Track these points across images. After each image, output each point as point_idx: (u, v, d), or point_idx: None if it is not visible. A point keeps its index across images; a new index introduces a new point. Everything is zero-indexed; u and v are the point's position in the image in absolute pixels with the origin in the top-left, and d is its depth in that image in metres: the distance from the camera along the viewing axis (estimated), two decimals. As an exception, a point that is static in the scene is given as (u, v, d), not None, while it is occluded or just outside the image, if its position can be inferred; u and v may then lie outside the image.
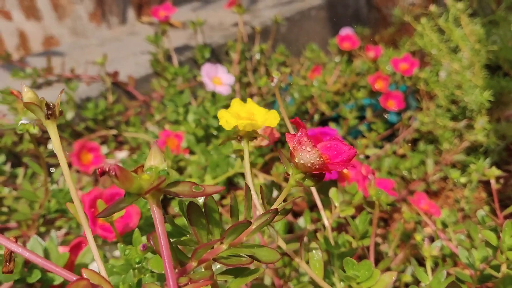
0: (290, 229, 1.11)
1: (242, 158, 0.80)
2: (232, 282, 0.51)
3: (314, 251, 0.64)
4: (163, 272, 0.46)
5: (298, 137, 0.49)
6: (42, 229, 1.06)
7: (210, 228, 0.51)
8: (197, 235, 0.50)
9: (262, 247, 0.50)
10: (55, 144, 0.47)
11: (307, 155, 0.48)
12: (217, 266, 0.56)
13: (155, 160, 0.42)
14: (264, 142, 0.74)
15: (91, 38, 2.07)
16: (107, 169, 0.37)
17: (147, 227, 0.96)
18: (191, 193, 0.42)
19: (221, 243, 0.47)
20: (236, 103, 0.61)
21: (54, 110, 0.47)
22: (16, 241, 0.45)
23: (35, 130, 0.81)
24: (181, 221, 0.95)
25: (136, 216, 0.86)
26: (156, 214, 0.41)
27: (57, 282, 0.75)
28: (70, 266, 0.81)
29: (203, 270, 0.50)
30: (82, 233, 1.06)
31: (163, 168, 0.41)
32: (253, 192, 0.56)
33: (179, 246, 0.51)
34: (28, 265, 0.73)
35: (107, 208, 0.40)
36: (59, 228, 1.09)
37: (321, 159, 0.48)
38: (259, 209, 0.56)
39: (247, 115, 0.60)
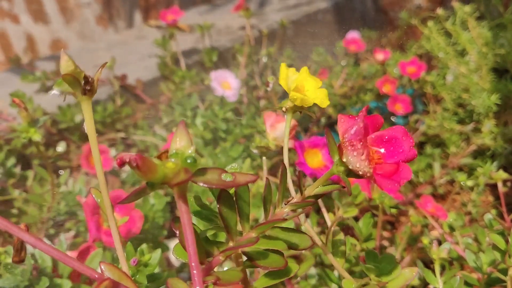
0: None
1: (263, 154, 0.80)
2: (259, 280, 0.48)
3: (338, 242, 0.62)
4: (182, 264, 0.44)
5: (351, 136, 0.42)
6: (52, 231, 1.07)
7: (240, 220, 0.47)
8: (227, 227, 0.46)
9: (293, 231, 0.47)
10: (88, 124, 0.43)
11: (358, 163, 0.42)
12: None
13: (181, 142, 0.37)
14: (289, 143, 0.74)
15: (98, 41, 2.09)
16: (127, 160, 0.33)
17: (154, 230, 0.97)
18: (220, 183, 0.37)
19: (256, 241, 0.44)
20: (288, 70, 0.56)
21: (93, 85, 0.42)
22: (28, 230, 0.42)
23: (38, 138, 0.82)
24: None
25: (139, 221, 0.86)
26: (182, 205, 0.38)
27: (65, 288, 0.75)
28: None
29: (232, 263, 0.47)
30: (88, 237, 1.06)
31: (190, 153, 0.37)
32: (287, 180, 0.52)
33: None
34: (37, 270, 0.73)
35: (128, 196, 0.37)
36: (68, 230, 1.10)
37: (371, 173, 0.41)
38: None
39: (297, 87, 0.55)
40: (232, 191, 0.48)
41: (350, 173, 0.45)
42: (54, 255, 0.41)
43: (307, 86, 0.56)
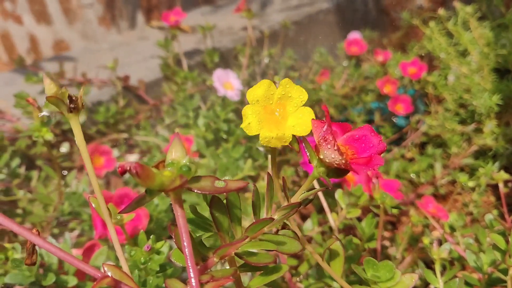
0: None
1: (268, 152, 0.80)
2: (254, 279, 0.50)
3: (334, 249, 0.63)
4: (184, 266, 0.46)
5: (324, 132, 0.46)
6: (56, 231, 1.08)
7: (232, 224, 0.50)
8: (220, 231, 0.49)
9: (283, 237, 0.49)
10: (78, 139, 0.45)
11: (332, 154, 0.46)
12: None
13: (176, 153, 0.40)
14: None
15: (101, 42, 2.10)
16: (128, 168, 0.36)
17: (158, 230, 0.98)
18: (213, 189, 0.40)
19: (245, 239, 0.46)
20: (264, 85, 0.48)
21: (77, 103, 0.45)
22: (39, 234, 0.44)
23: (50, 137, 0.83)
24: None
25: (145, 218, 0.87)
26: (178, 209, 0.40)
27: (70, 284, 0.76)
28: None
29: (226, 263, 0.50)
30: (94, 235, 1.07)
31: (185, 163, 0.40)
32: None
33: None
34: (44, 267, 0.75)
35: (129, 204, 0.40)
36: (72, 230, 1.11)
37: (346, 161, 0.45)
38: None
39: (276, 109, 0.49)
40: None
41: (330, 171, 0.49)
42: (61, 256, 0.43)
43: (288, 106, 0.50)
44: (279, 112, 0.49)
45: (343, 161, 0.45)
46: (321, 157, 0.47)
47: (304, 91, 0.49)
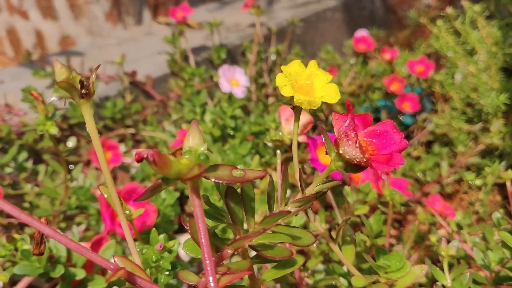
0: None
1: (277, 147, 0.79)
2: (267, 272, 0.49)
3: (347, 237, 0.63)
4: (192, 260, 0.46)
5: (345, 128, 0.45)
6: (63, 225, 1.09)
7: (246, 216, 0.49)
8: (234, 222, 0.48)
9: (296, 228, 0.48)
10: (89, 125, 0.44)
11: (353, 151, 0.44)
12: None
13: (194, 141, 0.39)
14: (302, 139, 0.74)
15: (106, 38, 2.10)
16: (145, 156, 0.36)
17: (165, 224, 0.98)
18: (231, 178, 0.39)
19: (261, 232, 0.45)
20: (295, 64, 0.54)
21: (89, 88, 0.43)
22: (47, 224, 0.44)
23: (55, 131, 0.83)
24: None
25: (153, 214, 0.88)
26: (195, 199, 0.39)
27: (79, 277, 0.76)
28: (90, 262, 0.83)
29: (239, 255, 0.49)
30: (102, 230, 1.08)
31: (202, 151, 0.39)
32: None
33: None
34: (52, 259, 0.75)
35: (144, 192, 0.39)
36: (79, 224, 1.11)
37: (367, 159, 0.44)
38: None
39: (305, 83, 0.53)
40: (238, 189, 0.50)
41: (348, 166, 0.47)
42: (71, 247, 0.42)
43: (316, 82, 0.53)
44: (309, 85, 0.53)
45: (364, 160, 0.44)
46: (341, 152, 0.46)
47: (327, 73, 0.54)
